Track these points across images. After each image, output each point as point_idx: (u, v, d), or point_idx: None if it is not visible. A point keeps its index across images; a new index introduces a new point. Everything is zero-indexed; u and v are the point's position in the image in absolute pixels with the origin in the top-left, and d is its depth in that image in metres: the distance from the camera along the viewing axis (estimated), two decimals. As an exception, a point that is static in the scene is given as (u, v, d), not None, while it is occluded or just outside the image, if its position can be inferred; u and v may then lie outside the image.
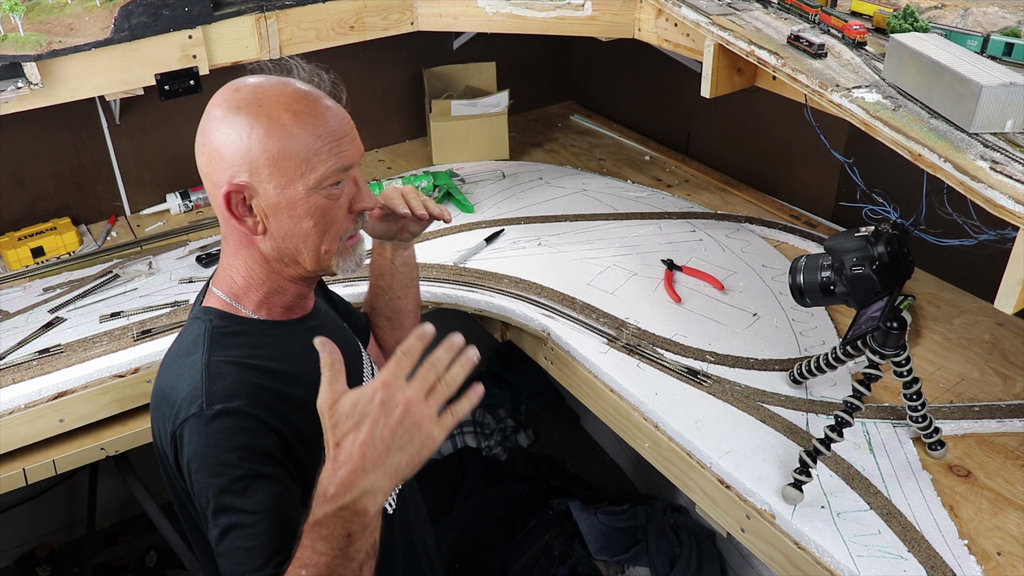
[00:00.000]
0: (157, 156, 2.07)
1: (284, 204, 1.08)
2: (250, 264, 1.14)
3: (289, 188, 1.07)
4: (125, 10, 1.57)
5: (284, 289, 1.17)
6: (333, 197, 1.10)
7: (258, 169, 1.06)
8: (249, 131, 1.06)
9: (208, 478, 1.02)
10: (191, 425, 1.03)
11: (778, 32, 1.43)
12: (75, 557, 2.39)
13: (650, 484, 2.54)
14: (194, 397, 1.05)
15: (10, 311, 1.69)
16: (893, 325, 1.17)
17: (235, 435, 1.03)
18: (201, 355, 1.09)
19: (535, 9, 1.83)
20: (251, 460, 1.04)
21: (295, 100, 1.08)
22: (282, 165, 1.06)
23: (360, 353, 1.34)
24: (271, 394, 1.09)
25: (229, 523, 1.01)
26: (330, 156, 1.08)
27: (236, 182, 1.06)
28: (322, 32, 1.83)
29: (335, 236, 1.13)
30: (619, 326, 1.60)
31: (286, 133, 1.06)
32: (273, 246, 1.12)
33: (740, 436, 1.34)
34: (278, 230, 1.10)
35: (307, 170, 1.07)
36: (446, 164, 2.27)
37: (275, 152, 1.06)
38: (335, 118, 1.10)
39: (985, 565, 1.12)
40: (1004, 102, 1.08)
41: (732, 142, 2.20)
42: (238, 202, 1.08)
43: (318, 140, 1.07)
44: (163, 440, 1.10)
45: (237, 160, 1.06)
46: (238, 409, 1.04)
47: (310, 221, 1.10)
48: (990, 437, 1.34)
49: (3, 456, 1.48)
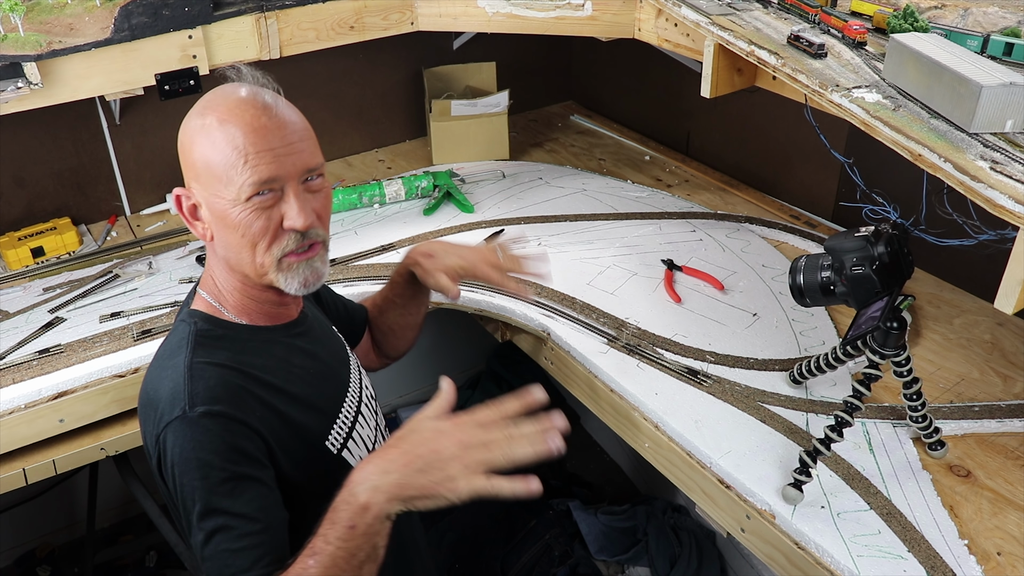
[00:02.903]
0: (157, 156, 2.07)
1: (216, 213, 1.08)
2: (221, 268, 1.15)
3: (216, 198, 1.06)
4: (125, 10, 1.57)
5: (256, 296, 1.16)
6: (261, 208, 1.05)
7: (196, 176, 1.08)
8: (187, 138, 1.08)
9: (193, 481, 1.00)
10: (174, 428, 1.02)
11: (778, 32, 1.43)
12: (75, 557, 2.39)
13: (650, 484, 2.54)
14: (176, 399, 1.04)
15: (10, 311, 1.69)
16: (893, 325, 1.17)
17: (220, 437, 1.02)
18: (184, 357, 1.08)
19: (535, 9, 1.83)
20: (236, 462, 1.02)
21: (228, 110, 1.05)
22: (208, 175, 1.06)
23: (348, 359, 1.33)
24: (254, 398, 1.08)
25: (215, 526, 1.00)
26: (246, 169, 1.03)
27: (183, 187, 1.10)
28: (322, 32, 1.83)
29: (265, 250, 1.08)
30: (619, 326, 1.60)
31: (211, 142, 1.05)
32: (223, 254, 1.12)
33: (740, 436, 1.34)
34: (219, 239, 1.10)
35: (226, 181, 1.05)
36: (446, 164, 2.27)
37: (203, 161, 1.06)
38: (266, 130, 1.04)
39: (985, 565, 1.12)
40: (1004, 102, 1.08)
41: (732, 142, 2.20)
42: (188, 207, 1.10)
43: (235, 151, 1.03)
44: (149, 444, 1.09)
45: (185, 166, 1.09)
46: (222, 412, 1.03)
47: (237, 233, 1.07)
48: (990, 437, 1.34)
49: (3, 456, 1.48)
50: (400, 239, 1.90)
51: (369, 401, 1.34)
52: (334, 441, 1.20)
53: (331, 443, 1.20)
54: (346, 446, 1.22)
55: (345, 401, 1.26)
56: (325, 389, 1.24)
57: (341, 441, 1.21)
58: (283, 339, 1.19)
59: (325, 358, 1.27)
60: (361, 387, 1.33)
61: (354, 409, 1.27)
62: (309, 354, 1.22)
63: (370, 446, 1.28)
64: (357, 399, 1.30)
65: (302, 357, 1.20)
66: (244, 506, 1.01)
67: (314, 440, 1.17)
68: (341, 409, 1.24)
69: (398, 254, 1.83)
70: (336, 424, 1.21)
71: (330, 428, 1.20)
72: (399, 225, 1.97)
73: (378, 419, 1.36)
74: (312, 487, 1.15)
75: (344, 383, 1.28)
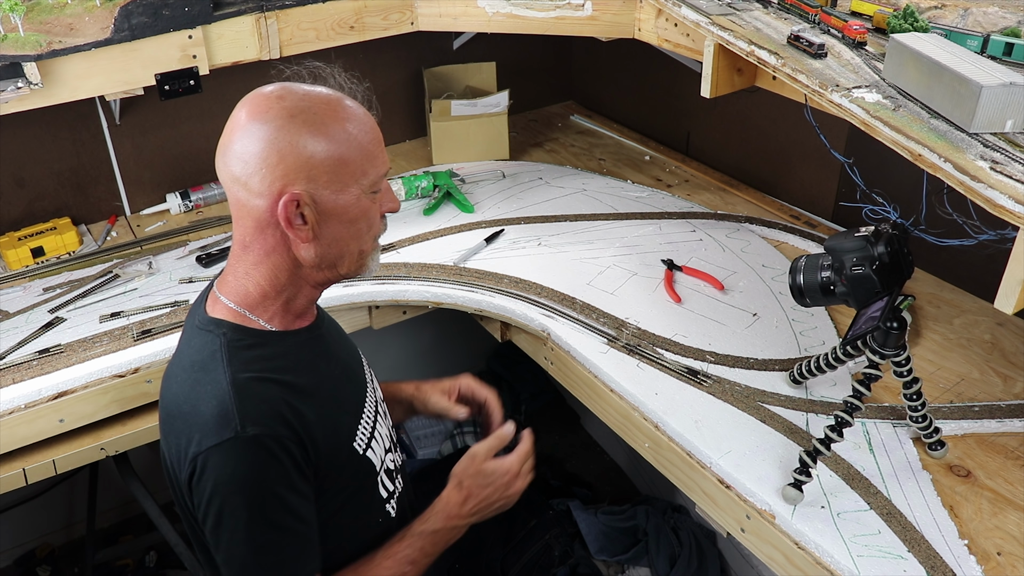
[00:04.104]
0: (157, 156, 2.07)
1: (338, 209, 1.10)
2: (278, 272, 1.13)
3: (343, 193, 1.10)
4: (125, 10, 1.57)
5: (302, 295, 1.18)
6: (375, 200, 1.14)
7: (316, 176, 1.07)
8: (306, 139, 1.06)
9: (247, 500, 1.05)
10: (226, 449, 1.04)
11: (778, 32, 1.43)
12: (75, 557, 2.39)
13: (650, 484, 2.54)
14: (225, 420, 1.05)
15: (10, 311, 1.69)
16: (893, 325, 1.17)
17: (276, 459, 1.06)
18: (223, 372, 1.08)
19: (535, 9, 1.83)
20: (291, 481, 1.08)
21: (343, 108, 1.11)
22: (340, 172, 1.08)
23: (361, 359, 1.34)
24: (294, 409, 1.10)
25: (266, 540, 1.06)
26: (377, 162, 1.12)
27: (294, 191, 1.06)
28: (322, 32, 1.83)
29: (372, 237, 1.17)
30: (619, 326, 1.60)
31: (343, 140, 1.08)
32: (317, 252, 1.12)
33: (740, 436, 1.34)
34: (327, 236, 1.11)
35: (360, 175, 1.10)
36: (446, 164, 2.27)
37: (335, 159, 1.08)
38: (375, 126, 1.14)
39: (985, 565, 1.12)
40: (1004, 102, 1.08)
41: (732, 142, 2.20)
42: (293, 211, 1.08)
43: (368, 146, 1.11)
44: (177, 455, 1.09)
45: (293, 168, 1.06)
46: (274, 433, 1.07)
47: (358, 224, 1.13)
48: (990, 437, 1.34)
49: (3, 456, 1.48)
50: (400, 239, 1.90)
51: (380, 401, 1.35)
52: (360, 441, 1.21)
53: (358, 444, 1.21)
54: (370, 446, 1.23)
55: (366, 400, 1.27)
56: (349, 389, 1.25)
57: (366, 441, 1.22)
58: (308, 341, 1.20)
59: (345, 358, 1.28)
60: (375, 386, 1.34)
61: (373, 408, 1.28)
62: (332, 355, 1.24)
63: (387, 445, 1.30)
64: (374, 398, 1.31)
65: (327, 358, 1.22)
66: (295, 520, 1.09)
67: (344, 441, 1.19)
68: (363, 409, 1.25)
69: (398, 254, 1.83)
70: (360, 424, 1.23)
71: (356, 429, 1.21)
72: (399, 225, 1.97)
73: (388, 419, 1.37)
74: (341, 488, 1.19)
75: (363, 383, 1.29)
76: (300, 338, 1.18)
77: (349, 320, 1.75)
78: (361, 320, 1.79)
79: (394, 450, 1.33)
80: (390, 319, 1.81)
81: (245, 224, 1.11)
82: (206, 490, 1.05)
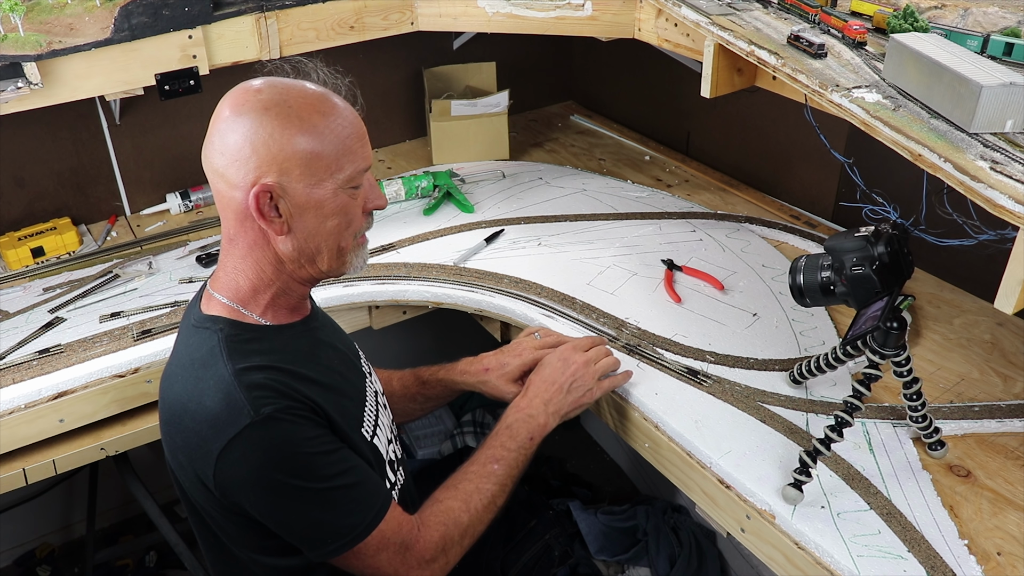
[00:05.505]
0: (157, 156, 2.07)
1: (312, 203, 1.09)
2: (262, 266, 1.14)
3: (318, 188, 1.09)
4: (125, 10, 1.57)
5: (291, 290, 1.18)
6: (354, 196, 1.13)
7: (289, 169, 1.07)
8: (279, 131, 1.06)
9: (289, 471, 1.06)
10: (248, 436, 1.04)
11: (778, 32, 1.43)
12: (75, 557, 2.39)
13: (650, 484, 2.54)
14: (236, 410, 1.05)
15: (10, 311, 1.69)
16: (893, 325, 1.17)
17: (300, 428, 1.08)
18: (224, 366, 1.09)
19: (535, 9, 1.83)
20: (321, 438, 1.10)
21: (320, 102, 1.10)
22: (313, 165, 1.08)
23: (357, 350, 1.35)
24: (298, 392, 1.11)
25: (338, 484, 1.09)
26: (356, 157, 1.11)
27: (265, 182, 1.07)
28: (322, 32, 1.83)
29: (352, 234, 1.16)
30: (619, 326, 1.60)
31: (317, 134, 1.07)
32: (294, 246, 1.12)
33: (740, 436, 1.34)
34: (302, 230, 1.11)
35: (336, 170, 1.09)
36: (446, 164, 2.27)
37: (307, 152, 1.07)
38: (356, 120, 1.13)
39: (985, 565, 1.12)
40: (1004, 102, 1.08)
41: (732, 142, 2.20)
42: (266, 202, 1.08)
43: (346, 141, 1.10)
44: (188, 454, 1.09)
45: (266, 160, 1.07)
46: (289, 407, 1.07)
47: (335, 220, 1.12)
48: (990, 437, 1.34)
49: (3, 456, 1.48)
50: (400, 239, 1.90)
51: (380, 392, 1.36)
52: (367, 428, 1.22)
53: (365, 430, 1.21)
54: (375, 433, 1.24)
55: (367, 388, 1.28)
56: (351, 377, 1.26)
57: (371, 428, 1.23)
58: (304, 333, 1.20)
59: (342, 349, 1.28)
60: (374, 378, 1.35)
61: (374, 399, 1.29)
62: (330, 345, 1.24)
63: (389, 436, 1.30)
64: (374, 389, 1.31)
65: (325, 348, 1.23)
66: (355, 461, 1.13)
67: (353, 428, 1.19)
68: (366, 396, 1.26)
69: (398, 254, 1.83)
70: (365, 411, 1.24)
71: (362, 415, 1.22)
72: (399, 225, 1.97)
73: (387, 410, 1.37)
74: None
75: (362, 374, 1.30)
76: (296, 331, 1.19)
77: (349, 320, 1.75)
78: (361, 320, 1.80)
79: (395, 442, 1.34)
80: (390, 319, 1.82)
81: (228, 217, 1.14)
82: (244, 481, 1.05)
